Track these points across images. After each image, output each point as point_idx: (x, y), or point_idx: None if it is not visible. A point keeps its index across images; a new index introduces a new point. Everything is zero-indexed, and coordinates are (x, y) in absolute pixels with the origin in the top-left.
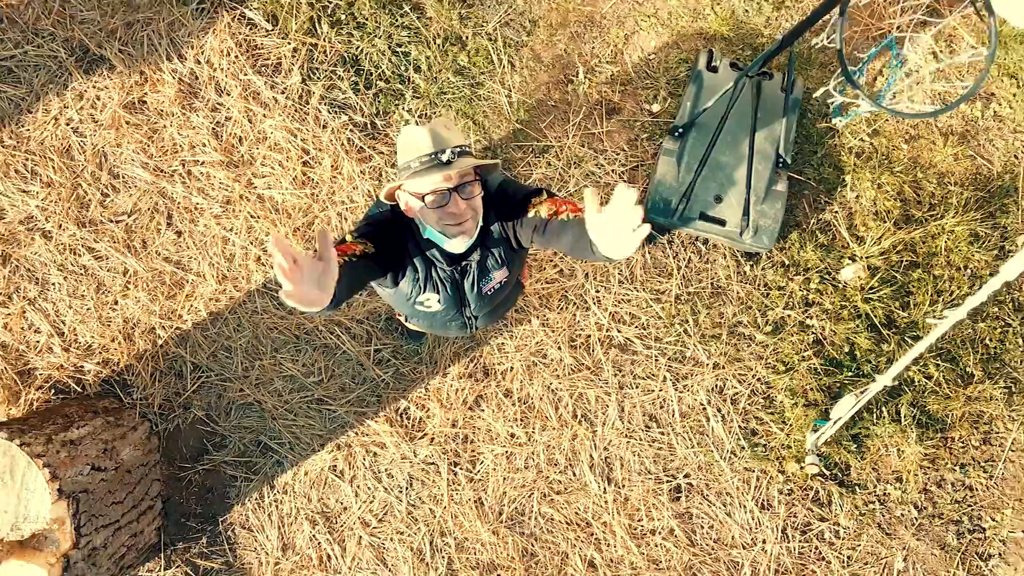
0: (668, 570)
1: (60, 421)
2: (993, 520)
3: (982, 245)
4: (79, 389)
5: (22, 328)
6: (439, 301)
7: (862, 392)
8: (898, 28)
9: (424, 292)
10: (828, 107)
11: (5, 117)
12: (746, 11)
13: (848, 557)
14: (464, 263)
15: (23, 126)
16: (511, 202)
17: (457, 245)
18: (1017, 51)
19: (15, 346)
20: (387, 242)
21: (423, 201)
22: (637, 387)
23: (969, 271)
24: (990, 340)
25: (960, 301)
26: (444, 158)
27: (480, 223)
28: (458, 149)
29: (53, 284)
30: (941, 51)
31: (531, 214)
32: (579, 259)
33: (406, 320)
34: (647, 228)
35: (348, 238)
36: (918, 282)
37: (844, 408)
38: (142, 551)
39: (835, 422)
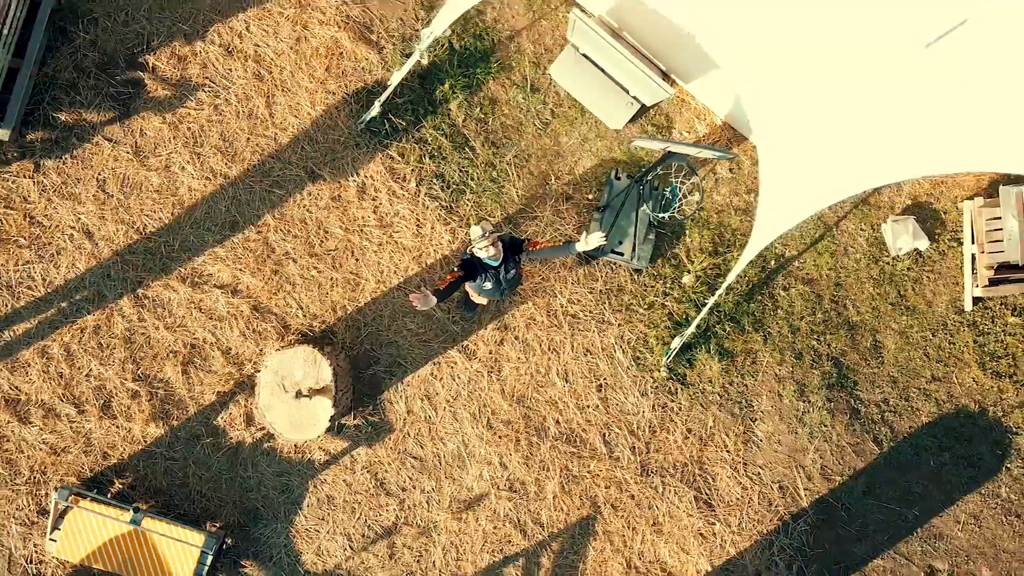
0: (595, 424)
1: (315, 346)
2: (756, 401)
3: (754, 265)
4: (311, 334)
5: (284, 306)
6: (489, 283)
7: (682, 335)
8: (677, 180)
9: (485, 281)
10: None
11: (274, 205)
12: (636, 150)
13: (686, 419)
14: (499, 268)
15: (284, 209)
16: (515, 244)
17: (494, 263)
18: None
19: (280, 315)
20: (470, 267)
21: (481, 250)
22: (580, 335)
23: (747, 279)
24: (757, 312)
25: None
26: (486, 234)
27: (502, 254)
28: (491, 229)
29: (297, 285)
30: (694, 189)
31: (524, 250)
32: (553, 259)
33: (478, 294)
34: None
35: (454, 269)
36: (720, 284)
37: (675, 344)
38: (348, 408)
39: (673, 350)
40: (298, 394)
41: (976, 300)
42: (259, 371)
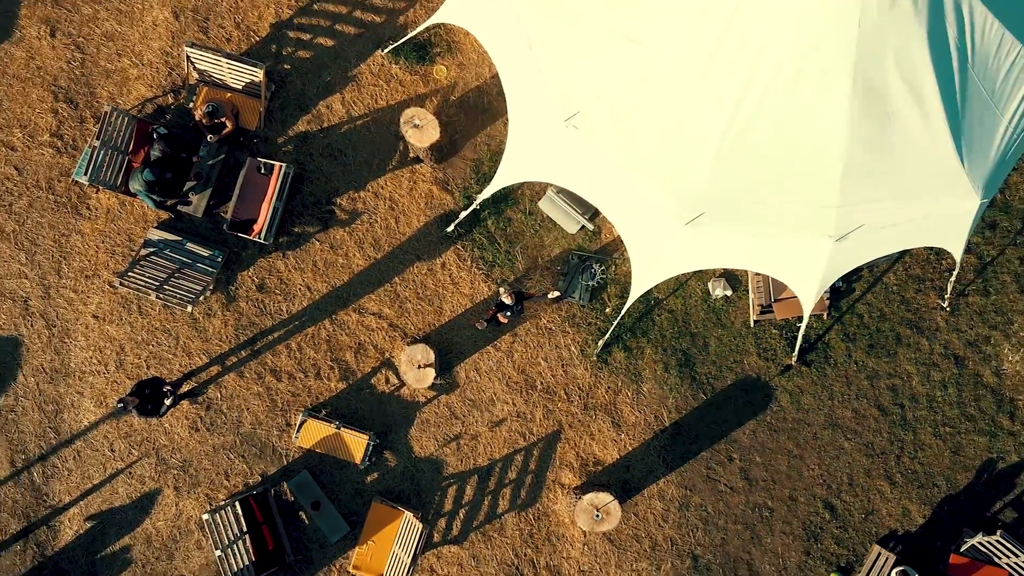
0: (560, 383)
1: (425, 343)
2: (643, 372)
3: (641, 303)
4: (418, 337)
5: (405, 323)
6: (509, 312)
7: (604, 339)
8: (597, 267)
9: (506, 312)
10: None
11: (397, 272)
12: (585, 244)
13: (607, 382)
14: (513, 305)
15: (403, 274)
16: (520, 293)
17: (511, 303)
18: None
19: (403, 328)
20: (499, 306)
21: (505, 298)
22: (553, 338)
23: (640, 310)
24: (644, 327)
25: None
26: (507, 290)
27: (515, 299)
28: (509, 287)
29: (411, 313)
30: (605, 270)
31: (524, 296)
32: (539, 303)
33: (503, 318)
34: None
35: (492, 307)
36: (632, 310)
37: (600, 343)
38: (437, 374)
39: (600, 346)
40: (419, 367)
41: (756, 322)
42: (394, 356)
